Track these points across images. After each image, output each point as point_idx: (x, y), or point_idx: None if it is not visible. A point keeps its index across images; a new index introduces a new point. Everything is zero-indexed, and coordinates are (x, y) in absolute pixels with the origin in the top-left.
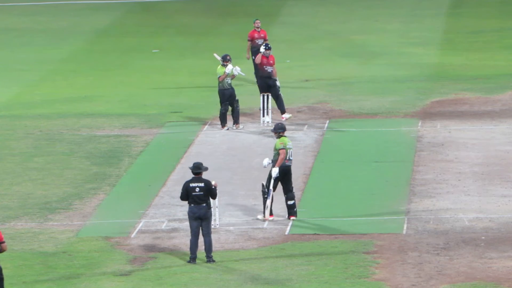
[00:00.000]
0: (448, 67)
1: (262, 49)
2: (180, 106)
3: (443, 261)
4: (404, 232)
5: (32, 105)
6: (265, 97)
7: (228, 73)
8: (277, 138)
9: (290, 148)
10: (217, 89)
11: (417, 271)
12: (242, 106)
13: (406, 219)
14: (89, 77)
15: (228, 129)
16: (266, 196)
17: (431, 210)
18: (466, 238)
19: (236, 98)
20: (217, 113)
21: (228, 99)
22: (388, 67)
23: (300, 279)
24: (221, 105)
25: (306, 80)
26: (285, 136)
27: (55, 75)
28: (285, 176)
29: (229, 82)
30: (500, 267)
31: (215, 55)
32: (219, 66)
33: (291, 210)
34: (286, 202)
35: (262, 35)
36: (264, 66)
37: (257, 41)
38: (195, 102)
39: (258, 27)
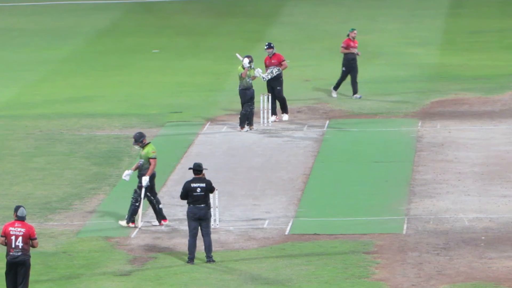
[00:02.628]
0: (448, 67)
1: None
2: (180, 106)
3: (443, 261)
4: (404, 232)
5: (32, 105)
6: (265, 97)
7: (247, 67)
8: (141, 147)
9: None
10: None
11: (417, 271)
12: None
13: (406, 219)
14: (89, 77)
15: (247, 130)
16: (137, 203)
17: (431, 210)
18: (466, 238)
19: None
20: (217, 113)
21: (249, 99)
22: (388, 67)
23: (300, 279)
24: (242, 105)
25: (306, 80)
26: (150, 142)
27: (55, 75)
28: (151, 182)
29: (250, 81)
30: (500, 267)
31: (237, 55)
32: (240, 66)
33: (163, 215)
34: (157, 206)
35: (356, 45)
36: (267, 67)
37: (352, 50)
38: (195, 102)
39: (354, 37)
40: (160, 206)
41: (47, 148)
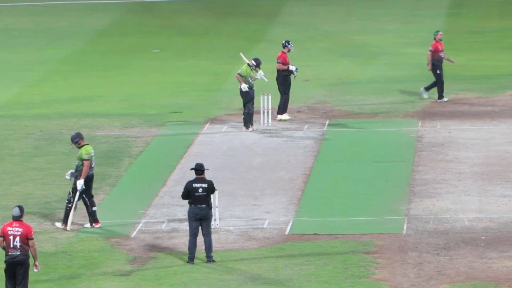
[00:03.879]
0: (448, 67)
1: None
2: (180, 106)
3: (443, 261)
4: (404, 232)
5: (32, 105)
6: (265, 97)
7: (248, 76)
8: (78, 147)
9: (93, 156)
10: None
11: (417, 271)
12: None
13: (406, 219)
14: (89, 77)
15: (252, 130)
16: (70, 205)
17: (431, 210)
18: (466, 238)
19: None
20: (217, 113)
21: (251, 99)
22: (388, 67)
23: (300, 279)
24: (244, 105)
25: (306, 80)
26: (87, 144)
27: (55, 75)
28: (88, 184)
29: (252, 82)
30: (500, 267)
31: (242, 55)
32: (245, 66)
33: (95, 217)
34: (91, 208)
35: (443, 47)
36: (286, 64)
37: (440, 54)
38: (195, 102)
39: (441, 39)
40: (94, 208)
41: (47, 148)
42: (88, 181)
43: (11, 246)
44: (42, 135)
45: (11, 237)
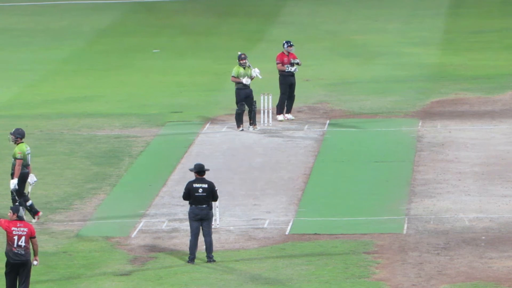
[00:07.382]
0: (448, 67)
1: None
2: (180, 106)
3: (443, 261)
4: (405, 232)
5: (32, 105)
6: (266, 97)
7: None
8: (15, 144)
9: (28, 154)
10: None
11: (417, 271)
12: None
13: (406, 219)
14: (89, 77)
15: (242, 129)
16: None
17: (432, 210)
18: (466, 238)
19: (254, 99)
20: (217, 113)
21: (244, 99)
22: (388, 67)
23: (300, 279)
24: (236, 105)
25: (306, 80)
26: (22, 143)
27: (55, 75)
28: (22, 183)
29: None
30: (500, 267)
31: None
32: (236, 66)
33: (35, 208)
34: (25, 203)
35: None
36: (286, 65)
37: None
38: (195, 102)
39: None
40: (28, 203)
41: (47, 148)
42: (24, 179)
43: (15, 245)
44: (42, 135)
45: (15, 237)
